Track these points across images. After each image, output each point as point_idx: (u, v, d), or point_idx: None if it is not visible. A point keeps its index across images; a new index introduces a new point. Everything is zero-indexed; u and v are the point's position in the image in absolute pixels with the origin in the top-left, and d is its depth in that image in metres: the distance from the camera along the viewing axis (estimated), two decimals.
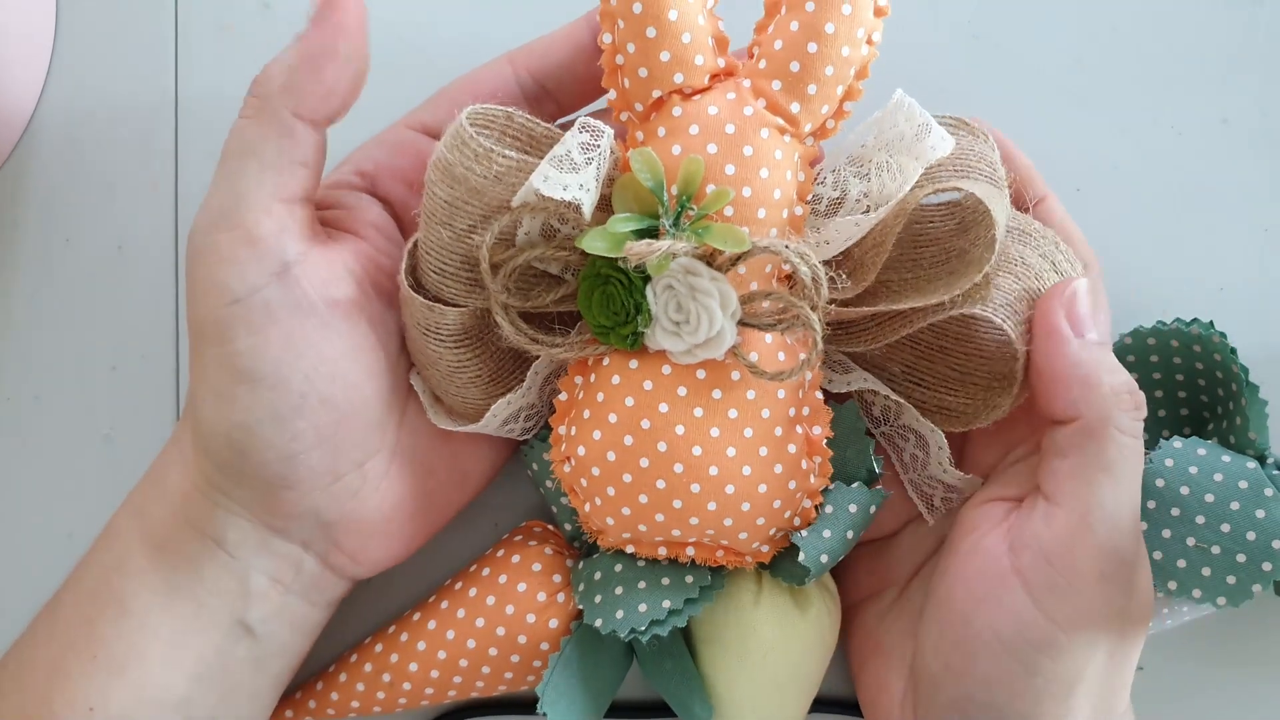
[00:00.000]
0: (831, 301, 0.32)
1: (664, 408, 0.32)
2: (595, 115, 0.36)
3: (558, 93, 0.36)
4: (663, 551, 0.35)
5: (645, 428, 0.32)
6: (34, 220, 0.41)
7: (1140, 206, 0.41)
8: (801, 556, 0.34)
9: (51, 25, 0.41)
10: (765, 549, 0.35)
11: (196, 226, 0.32)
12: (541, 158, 0.31)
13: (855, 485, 0.35)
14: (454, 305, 0.33)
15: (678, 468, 0.32)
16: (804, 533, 0.34)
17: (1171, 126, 0.41)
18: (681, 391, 0.32)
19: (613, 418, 0.33)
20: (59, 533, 0.41)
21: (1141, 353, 0.39)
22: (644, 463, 0.32)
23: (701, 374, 0.32)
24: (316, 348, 0.32)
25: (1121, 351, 0.40)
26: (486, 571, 0.38)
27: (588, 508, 0.35)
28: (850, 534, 0.35)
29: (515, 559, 0.38)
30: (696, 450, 0.32)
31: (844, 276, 0.32)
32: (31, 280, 0.41)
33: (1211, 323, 0.38)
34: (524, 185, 0.31)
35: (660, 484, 0.32)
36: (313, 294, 0.32)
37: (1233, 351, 0.37)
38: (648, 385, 0.32)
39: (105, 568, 0.35)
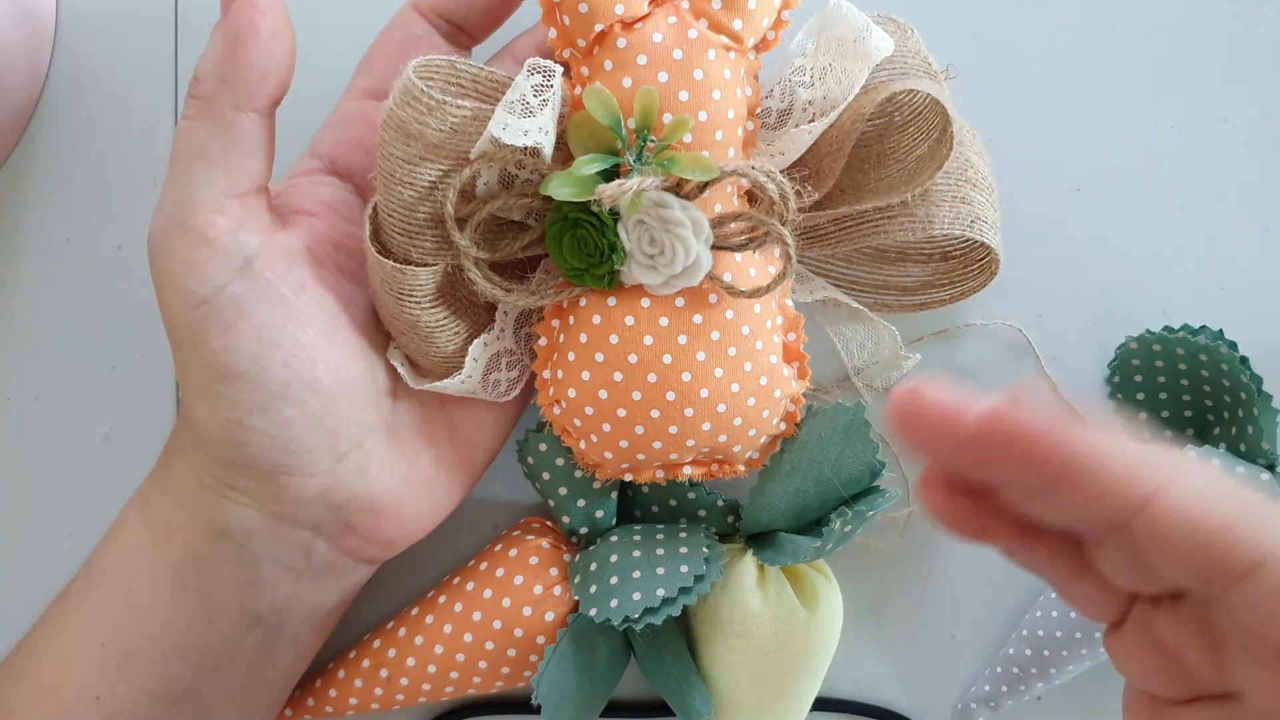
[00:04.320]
0: (798, 210, 0.33)
1: (649, 340, 0.33)
2: (522, 37, 0.37)
3: (466, 25, 0.36)
4: (660, 475, 0.35)
5: (633, 362, 0.33)
6: (34, 220, 0.41)
7: (1140, 206, 0.41)
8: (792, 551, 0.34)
9: (51, 26, 0.41)
10: (756, 455, 0.36)
11: (152, 233, 0.32)
12: (490, 102, 0.31)
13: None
14: (423, 265, 0.33)
15: (670, 395, 0.33)
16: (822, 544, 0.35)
17: (1171, 126, 0.41)
18: (664, 322, 0.33)
19: (599, 357, 0.33)
20: (59, 533, 0.41)
21: (1146, 357, 0.39)
22: (636, 396, 0.33)
23: (680, 302, 0.33)
24: (291, 335, 0.32)
25: (1126, 356, 0.40)
26: (484, 566, 0.38)
27: (583, 445, 0.35)
28: (849, 529, 0.35)
29: (512, 553, 0.38)
30: (686, 376, 0.33)
31: (808, 188, 0.33)
32: (31, 280, 0.41)
33: (1221, 331, 0.38)
34: (482, 135, 0.30)
35: (655, 414, 0.33)
36: (277, 283, 0.32)
37: (1243, 361, 0.37)
38: (629, 320, 0.33)
39: (114, 559, 0.35)
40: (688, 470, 0.35)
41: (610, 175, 0.31)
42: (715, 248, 0.32)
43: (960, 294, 0.37)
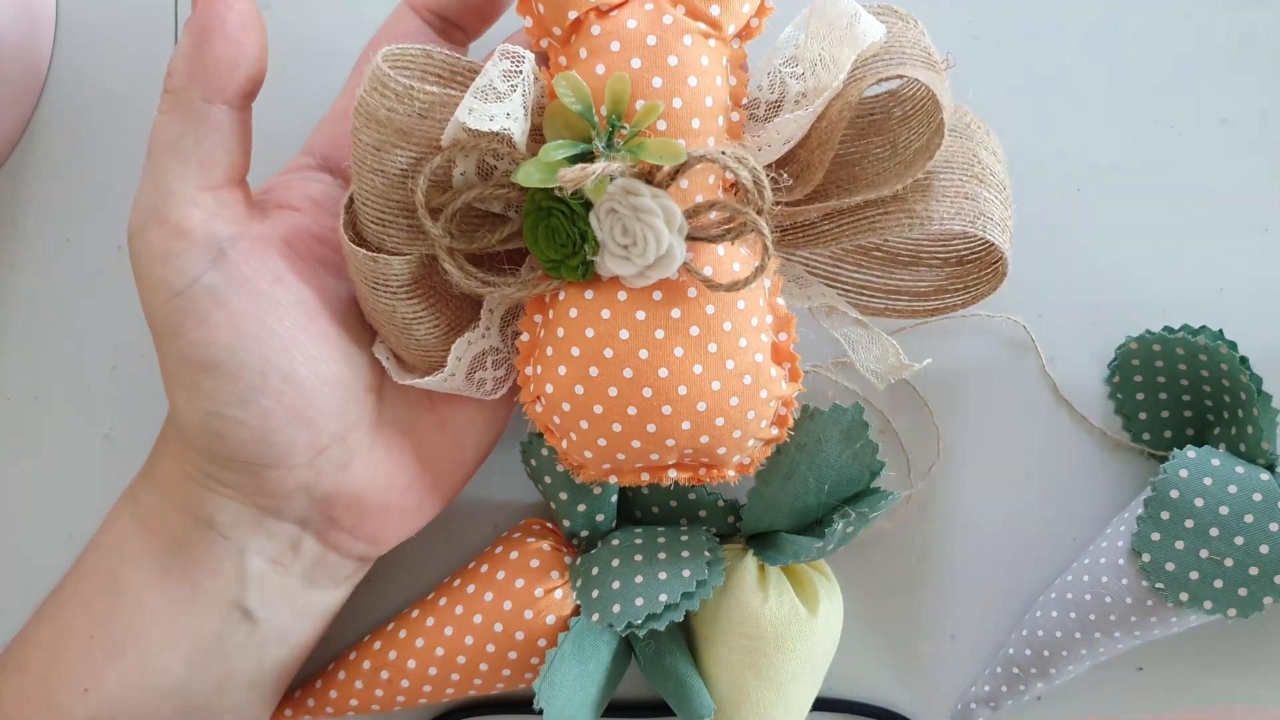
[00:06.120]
0: (780, 203, 0.32)
1: (625, 334, 0.32)
2: (518, 34, 0.36)
3: (460, 20, 0.36)
4: (645, 477, 0.34)
5: (609, 357, 0.32)
6: (34, 220, 0.41)
7: (1140, 206, 0.41)
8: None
9: (51, 26, 0.41)
10: (746, 460, 0.34)
11: (130, 228, 0.32)
12: (467, 90, 0.30)
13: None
14: (398, 255, 0.32)
15: (646, 392, 0.32)
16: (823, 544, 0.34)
17: (1171, 126, 0.41)
18: (640, 316, 0.32)
19: (575, 351, 0.32)
20: (59, 532, 0.41)
21: (1146, 357, 0.39)
22: (612, 391, 0.32)
23: (658, 295, 0.32)
24: (268, 327, 0.32)
25: (1126, 356, 0.40)
26: (485, 568, 0.38)
27: (564, 444, 0.34)
28: (851, 529, 0.35)
29: (514, 555, 0.38)
30: (663, 372, 0.32)
31: (785, 176, 0.32)
32: (31, 280, 0.41)
33: (1220, 332, 0.38)
34: (450, 122, 0.30)
35: (631, 410, 0.32)
36: (252, 274, 0.32)
37: (1243, 361, 0.37)
38: (605, 314, 0.32)
39: (104, 552, 0.35)
40: (673, 474, 0.34)
41: (580, 160, 0.31)
42: (692, 239, 0.32)
43: (972, 299, 0.36)
